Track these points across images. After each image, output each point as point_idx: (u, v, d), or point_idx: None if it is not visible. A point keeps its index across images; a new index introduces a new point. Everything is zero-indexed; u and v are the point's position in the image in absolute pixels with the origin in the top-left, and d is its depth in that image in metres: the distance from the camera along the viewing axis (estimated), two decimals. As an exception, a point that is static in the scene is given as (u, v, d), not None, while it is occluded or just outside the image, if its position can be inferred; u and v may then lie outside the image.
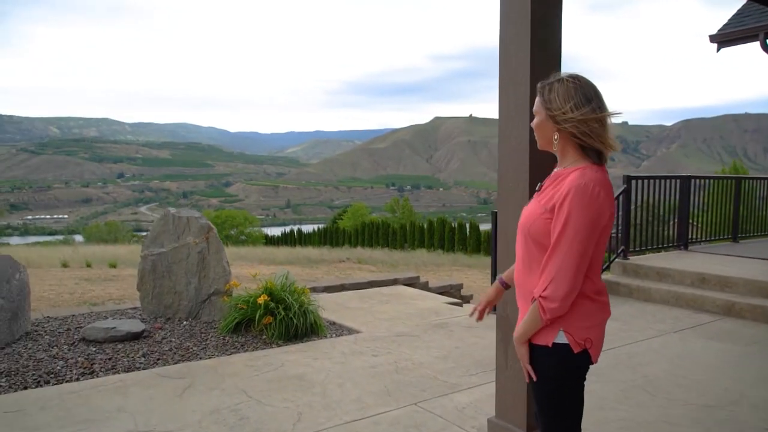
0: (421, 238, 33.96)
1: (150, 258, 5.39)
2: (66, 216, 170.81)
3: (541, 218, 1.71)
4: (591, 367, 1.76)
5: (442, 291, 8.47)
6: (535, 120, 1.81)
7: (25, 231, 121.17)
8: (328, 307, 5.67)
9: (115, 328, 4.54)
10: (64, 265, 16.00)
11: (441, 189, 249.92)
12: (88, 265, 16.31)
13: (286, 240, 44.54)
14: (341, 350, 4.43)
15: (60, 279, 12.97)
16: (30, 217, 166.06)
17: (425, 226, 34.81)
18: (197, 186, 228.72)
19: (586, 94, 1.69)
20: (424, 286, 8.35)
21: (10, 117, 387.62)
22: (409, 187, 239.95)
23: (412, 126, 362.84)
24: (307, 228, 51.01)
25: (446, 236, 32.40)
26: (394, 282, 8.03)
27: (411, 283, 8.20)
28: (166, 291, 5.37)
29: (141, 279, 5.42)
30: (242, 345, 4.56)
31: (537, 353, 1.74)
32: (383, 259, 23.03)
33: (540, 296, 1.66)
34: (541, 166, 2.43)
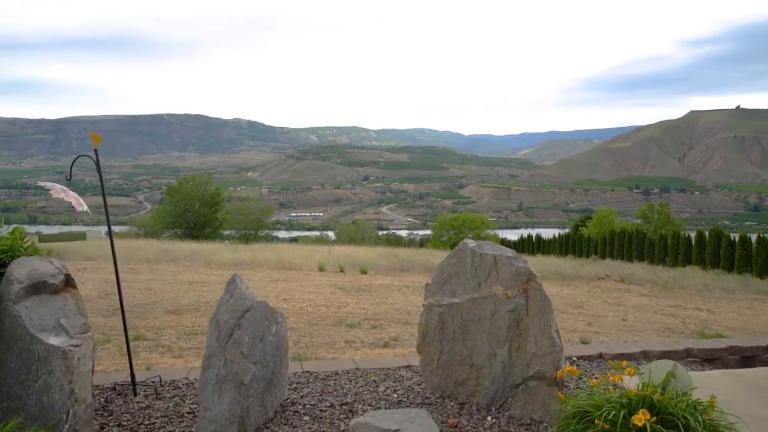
0: (686, 252, 28.25)
1: (436, 310, 3.75)
2: (321, 214, 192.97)
3: None
4: None
5: None
6: None
7: (290, 226, 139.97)
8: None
9: (398, 431, 2.95)
10: (321, 269, 16.33)
11: (697, 192, 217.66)
12: (341, 270, 16.44)
13: (524, 246, 41.84)
14: None
15: (317, 285, 12.89)
16: (294, 214, 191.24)
17: (693, 238, 28.87)
18: (432, 188, 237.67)
19: None
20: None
21: (282, 128, 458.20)
22: (656, 189, 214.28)
23: (661, 122, 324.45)
24: (543, 232, 47.58)
25: (722, 252, 26.19)
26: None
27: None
28: (458, 360, 3.67)
29: (423, 337, 3.83)
30: (608, 500, 2.57)
31: None
32: (649, 278, 19.55)
33: None
34: None
